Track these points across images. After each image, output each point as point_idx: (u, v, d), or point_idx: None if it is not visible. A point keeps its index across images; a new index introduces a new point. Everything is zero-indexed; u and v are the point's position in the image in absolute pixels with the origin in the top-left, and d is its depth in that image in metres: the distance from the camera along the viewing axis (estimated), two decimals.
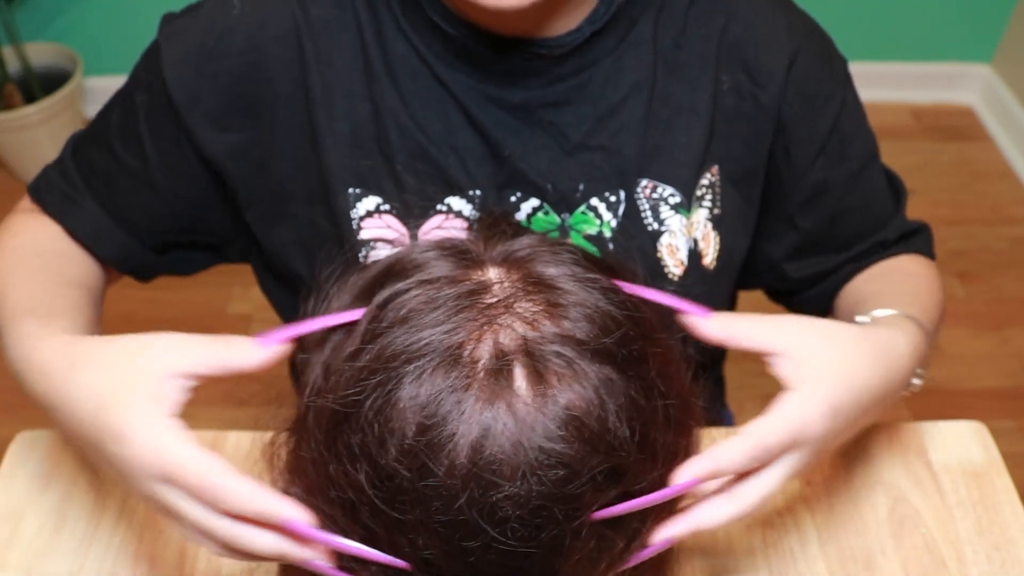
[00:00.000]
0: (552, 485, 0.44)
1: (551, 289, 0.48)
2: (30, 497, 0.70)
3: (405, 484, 0.45)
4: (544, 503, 0.44)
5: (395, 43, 0.68)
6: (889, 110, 2.34)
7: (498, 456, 0.44)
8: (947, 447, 0.75)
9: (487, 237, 0.52)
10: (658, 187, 0.70)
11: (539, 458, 0.44)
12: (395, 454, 0.45)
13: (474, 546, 0.45)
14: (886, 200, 0.81)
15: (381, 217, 0.69)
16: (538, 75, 0.68)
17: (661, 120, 0.70)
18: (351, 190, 0.69)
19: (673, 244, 0.71)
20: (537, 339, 0.46)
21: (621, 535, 0.49)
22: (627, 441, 0.46)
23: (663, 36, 0.70)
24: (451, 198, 0.69)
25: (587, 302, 0.48)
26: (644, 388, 0.47)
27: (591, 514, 0.46)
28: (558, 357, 0.45)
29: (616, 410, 0.46)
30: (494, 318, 0.46)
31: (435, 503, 0.44)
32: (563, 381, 0.45)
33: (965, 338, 1.84)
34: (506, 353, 0.45)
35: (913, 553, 0.68)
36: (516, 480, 0.44)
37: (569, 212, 0.70)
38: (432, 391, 0.45)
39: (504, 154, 0.68)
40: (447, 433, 0.44)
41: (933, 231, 0.85)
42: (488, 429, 0.44)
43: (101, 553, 0.67)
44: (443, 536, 0.45)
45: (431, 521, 0.45)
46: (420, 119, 0.68)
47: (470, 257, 0.50)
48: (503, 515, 0.44)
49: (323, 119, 0.68)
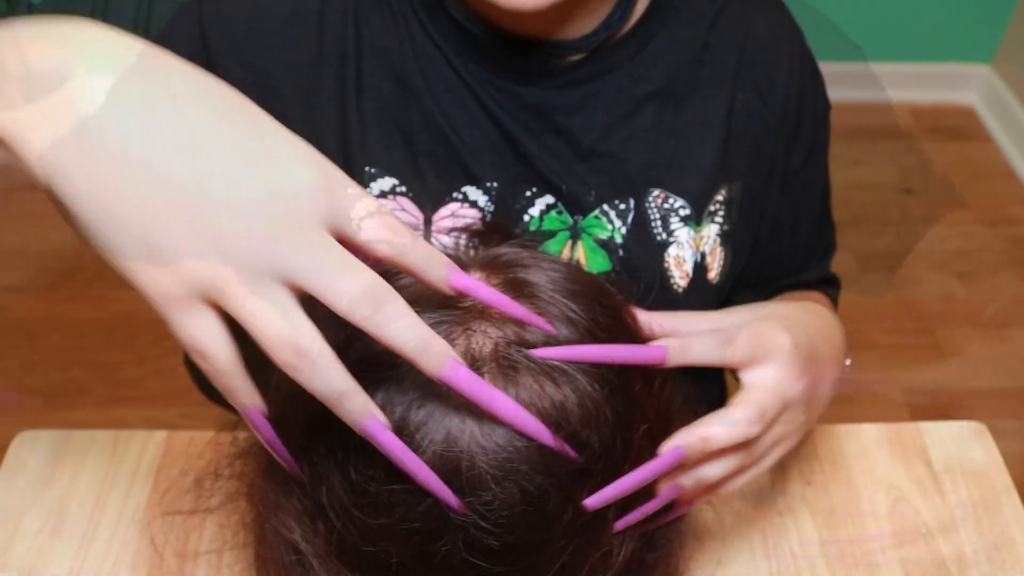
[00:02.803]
0: (518, 491, 0.44)
1: (530, 296, 0.48)
2: (30, 497, 0.70)
3: (373, 489, 0.45)
4: (509, 510, 0.44)
5: (414, 29, 0.68)
6: (889, 110, 2.34)
7: (463, 462, 0.44)
8: (947, 447, 0.75)
9: (477, 243, 0.52)
10: (669, 198, 0.71)
11: (504, 465, 0.44)
12: (365, 459, 0.44)
13: (441, 551, 0.44)
14: (823, 245, 0.84)
15: (396, 199, 0.69)
16: (553, 77, 0.68)
17: (674, 132, 0.70)
18: (367, 168, 0.69)
19: (680, 256, 0.71)
20: (509, 345, 0.45)
21: (596, 540, 0.48)
22: (597, 448, 0.46)
23: (684, 51, 0.70)
24: (467, 187, 0.69)
25: (565, 309, 0.48)
26: (619, 396, 0.47)
27: (560, 518, 0.45)
28: (530, 363, 0.45)
29: (586, 417, 0.45)
30: (469, 322, 0.46)
31: (401, 509, 0.44)
32: (533, 388, 0.45)
33: (965, 338, 1.84)
34: (477, 358, 0.45)
35: (913, 553, 0.68)
36: (481, 486, 0.44)
37: (582, 215, 0.70)
38: (403, 395, 0.44)
39: (520, 150, 0.69)
40: (416, 439, 0.44)
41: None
42: (453, 435, 0.44)
43: (101, 553, 0.67)
44: (410, 542, 0.45)
45: (398, 527, 0.44)
46: (442, 105, 0.68)
47: (454, 261, 0.50)
48: (469, 521, 0.44)
49: (352, 92, 0.68)
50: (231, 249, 0.37)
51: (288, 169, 0.39)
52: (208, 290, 0.38)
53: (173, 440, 0.74)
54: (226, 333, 0.39)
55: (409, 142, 0.69)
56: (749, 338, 0.53)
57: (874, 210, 2.09)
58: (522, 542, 0.45)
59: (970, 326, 1.86)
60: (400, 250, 0.40)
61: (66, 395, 1.68)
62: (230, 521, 0.64)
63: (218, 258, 0.37)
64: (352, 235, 0.39)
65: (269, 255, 0.38)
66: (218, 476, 0.60)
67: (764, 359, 0.53)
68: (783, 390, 0.53)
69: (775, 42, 0.74)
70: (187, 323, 0.39)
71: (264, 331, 0.38)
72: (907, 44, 2.29)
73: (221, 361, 0.39)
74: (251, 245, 0.37)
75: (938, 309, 1.89)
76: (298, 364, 0.38)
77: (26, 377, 1.71)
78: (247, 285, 0.38)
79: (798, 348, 0.55)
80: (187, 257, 0.37)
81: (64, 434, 0.74)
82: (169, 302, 0.38)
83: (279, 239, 0.38)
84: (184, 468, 0.69)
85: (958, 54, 2.31)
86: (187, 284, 0.38)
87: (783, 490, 0.72)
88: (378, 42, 0.68)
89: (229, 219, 0.37)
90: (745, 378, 0.54)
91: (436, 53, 0.68)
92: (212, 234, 0.37)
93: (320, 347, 0.39)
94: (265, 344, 0.38)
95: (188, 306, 0.38)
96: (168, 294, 0.38)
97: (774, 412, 0.53)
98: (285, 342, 0.38)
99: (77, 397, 1.68)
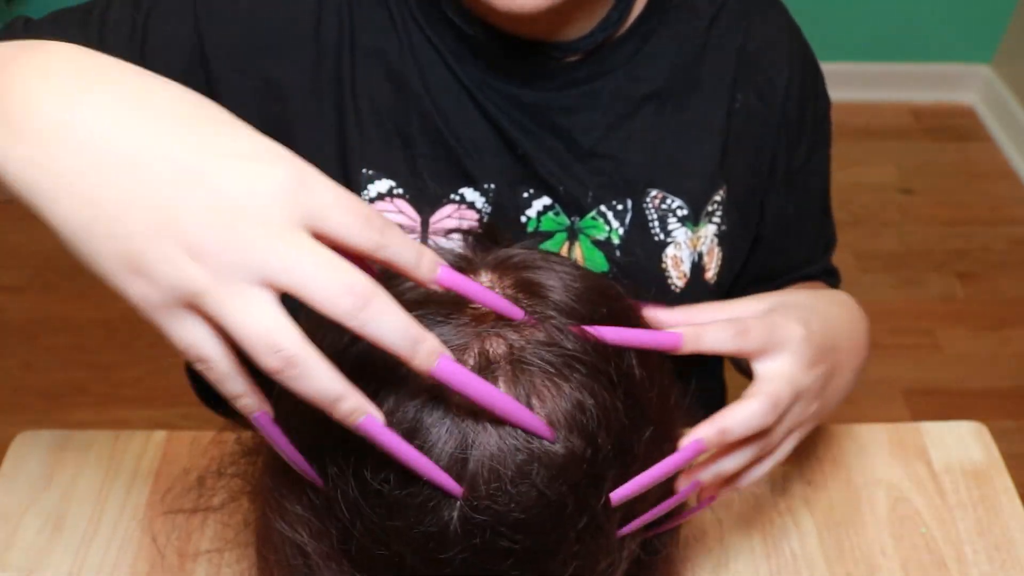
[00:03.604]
0: (531, 496, 0.44)
1: (541, 298, 0.48)
2: (30, 497, 0.70)
3: (386, 491, 0.44)
4: (522, 515, 0.44)
5: (412, 31, 0.68)
6: (889, 110, 2.34)
7: (477, 466, 0.43)
8: (947, 447, 0.75)
9: (484, 244, 0.52)
10: (667, 198, 0.71)
11: (518, 469, 0.44)
12: (377, 462, 0.44)
13: (451, 556, 0.44)
14: (825, 239, 0.85)
15: (393, 201, 0.69)
16: (550, 78, 0.68)
17: (672, 132, 0.70)
18: (364, 170, 0.68)
19: (678, 256, 0.71)
20: (523, 347, 0.45)
21: (607, 542, 0.48)
22: (610, 452, 0.46)
23: (682, 51, 0.70)
24: (465, 189, 0.69)
25: (577, 312, 0.47)
26: (629, 399, 0.47)
27: (573, 524, 0.45)
28: (544, 365, 0.45)
29: (599, 421, 0.45)
30: (482, 324, 0.46)
31: (414, 512, 0.44)
32: (547, 390, 0.45)
33: (965, 338, 1.84)
34: (491, 361, 0.45)
35: (913, 553, 0.68)
36: (494, 490, 0.43)
37: (580, 216, 0.70)
38: (416, 398, 0.44)
39: (518, 152, 0.69)
40: (429, 442, 0.44)
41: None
42: (468, 439, 0.44)
43: (101, 553, 0.67)
44: (423, 546, 0.44)
45: (412, 529, 0.44)
46: (440, 107, 0.68)
47: (464, 262, 0.50)
48: (482, 525, 0.44)
49: (348, 94, 0.68)
50: (204, 254, 0.37)
51: (257, 169, 0.38)
52: (187, 296, 0.37)
53: (173, 440, 0.74)
54: (218, 338, 0.39)
55: (407, 144, 0.68)
56: (762, 328, 0.53)
57: (874, 210, 2.09)
58: (536, 545, 0.45)
59: (970, 326, 1.86)
60: (379, 244, 0.39)
61: (66, 395, 1.68)
62: (232, 520, 0.64)
63: (192, 263, 0.37)
64: (329, 232, 0.38)
65: (243, 258, 0.37)
66: (221, 474, 0.60)
67: (776, 349, 0.54)
68: (795, 379, 0.54)
69: (774, 42, 0.74)
70: (177, 330, 0.38)
71: (245, 335, 0.37)
72: (907, 44, 2.29)
73: (218, 365, 0.39)
74: (224, 249, 0.37)
75: (938, 309, 1.89)
76: (283, 368, 0.37)
77: (26, 377, 1.71)
78: (224, 289, 0.37)
79: (811, 337, 0.55)
80: (160, 264, 0.37)
81: (64, 434, 0.74)
82: (154, 310, 0.38)
83: (252, 241, 0.37)
84: (186, 466, 0.69)
85: (958, 54, 2.31)
86: (166, 292, 0.37)
87: (783, 490, 0.72)
88: (375, 44, 0.68)
89: (198, 223, 0.37)
90: (758, 368, 0.54)
91: (434, 55, 0.67)
92: (183, 239, 0.37)
93: (304, 348, 0.38)
94: (248, 348, 0.37)
95: (175, 313, 0.38)
96: (151, 303, 0.38)
97: (787, 401, 0.53)
98: (266, 346, 0.37)
99: (77, 397, 1.68)
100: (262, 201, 0.37)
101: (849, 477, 0.73)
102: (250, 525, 0.59)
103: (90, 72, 0.40)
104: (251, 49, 0.67)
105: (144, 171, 0.37)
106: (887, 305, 1.88)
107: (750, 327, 0.53)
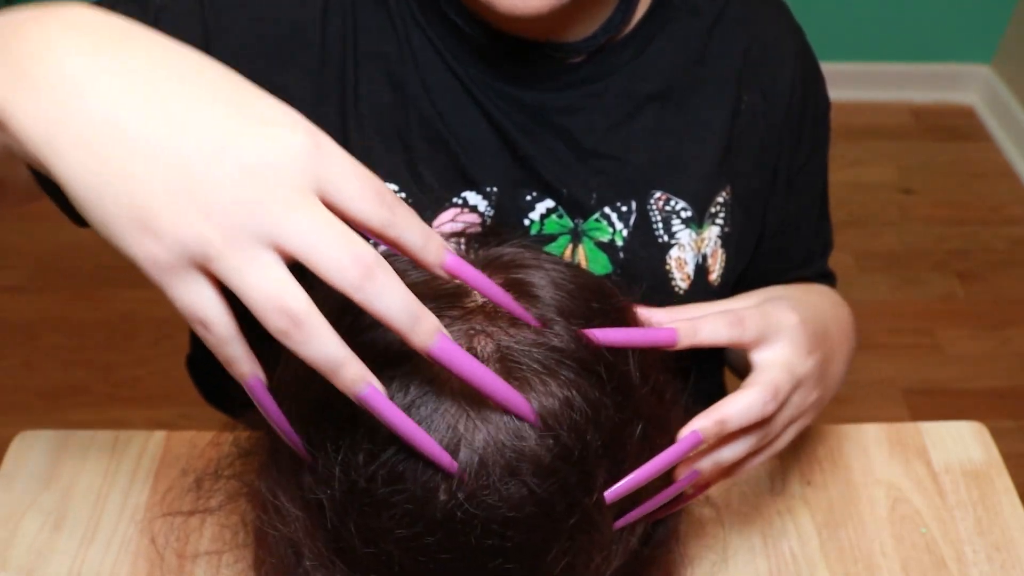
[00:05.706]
0: (520, 492, 0.44)
1: (531, 296, 0.48)
2: (30, 497, 0.70)
3: (375, 490, 0.44)
4: (512, 512, 0.44)
5: (412, 33, 0.68)
6: (889, 110, 2.34)
7: (466, 463, 0.43)
8: (947, 447, 0.75)
9: (476, 244, 0.52)
10: (671, 200, 0.70)
11: (507, 465, 0.44)
12: (366, 459, 0.44)
13: (441, 554, 0.44)
14: (822, 242, 0.84)
15: None
16: (552, 79, 0.68)
17: (675, 133, 0.70)
18: None
19: (682, 258, 0.71)
20: (511, 346, 0.45)
21: (601, 535, 0.48)
22: (600, 449, 0.46)
23: (685, 52, 0.70)
24: (467, 192, 0.69)
25: (567, 311, 0.47)
26: (620, 395, 0.47)
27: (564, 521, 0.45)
28: (533, 363, 0.45)
29: (589, 418, 0.45)
30: (472, 322, 0.46)
31: (403, 509, 0.44)
32: (536, 388, 0.45)
33: (965, 338, 1.84)
34: (480, 358, 0.45)
35: (913, 553, 0.68)
36: (483, 486, 0.43)
37: (583, 218, 0.70)
38: (406, 394, 0.44)
39: (520, 153, 0.68)
40: None
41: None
42: (458, 435, 0.44)
43: (101, 553, 0.67)
44: (410, 544, 0.44)
45: (400, 528, 0.44)
46: (441, 109, 0.68)
47: None
48: (471, 522, 0.44)
49: (350, 98, 0.68)
50: (218, 214, 0.37)
51: (277, 134, 0.38)
52: (197, 256, 0.37)
53: (173, 440, 0.74)
54: (222, 301, 0.39)
55: (408, 147, 0.68)
56: (758, 318, 0.53)
57: (874, 210, 2.09)
58: (526, 542, 0.45)
59: (970, 326, 1.86)
60: (389, 221, 0.39)
61: (66, 395, 1.68)
62: (230, 521, 0.64)
63: (205, 223, 0.37)
64: (340, 202, 0.39)
65: (256, 219, 0.37)
66: (218, 476, 0.60)
67: (773, 338, 0.54)
68: (794, 367, 0.54)
69: (777, 42, 0.74)
70: (182, 291, 0.38)
71: (253, 295, 0.37)
72: (907, 44, 2.29)
73: (219, 327, 0.39)
74: (238, 210, 0.37)
75: (938, 309, 1.89)
76: (289, 329, 0.37)
77: (26, 377, 1.71)
78: (235, 249, 0.37)
79: (806, 325, 0.55)
80: (173, 222, 0.37)
81: (64, 434, 0.74)
82: (162, 271, 0.38)
83: (266, 203, 0.37)
84: (184, 468, 0.69)
85: (958, 54, 2.31)
86: (176, 251, 0.37)
87: (783, 490, 0.72)
88: (376, 47, 0.67)
89: (214, 184, 0.37)
90: (756, 358, 0.54)
91: (435, 57, 0.67)
92: (197, 199, 0.37)
93: (312, 311, 0.38)
94: (255, 309, 0.37)
95: (181, 274, 0.38)
96: (159, 262, 0.38)
97: (787, 389, 0.53)
98: (274, 306, 0.37)
99: (77, 397, 1.68)
100: (280, 164, 0.37)
101: (849, 477, 0.73)
102: (248, 525, 0.59)
103: (113, 32, 0.40)
104: (258, 57, 0.67)
105: (163, 130, 0.37)
106: (887, 305, 1.88)
107: (745, 316, 0.53)
